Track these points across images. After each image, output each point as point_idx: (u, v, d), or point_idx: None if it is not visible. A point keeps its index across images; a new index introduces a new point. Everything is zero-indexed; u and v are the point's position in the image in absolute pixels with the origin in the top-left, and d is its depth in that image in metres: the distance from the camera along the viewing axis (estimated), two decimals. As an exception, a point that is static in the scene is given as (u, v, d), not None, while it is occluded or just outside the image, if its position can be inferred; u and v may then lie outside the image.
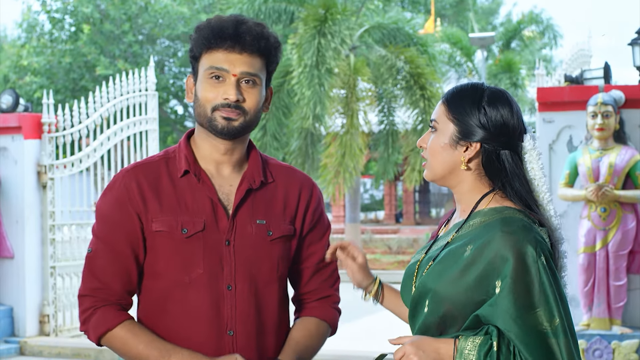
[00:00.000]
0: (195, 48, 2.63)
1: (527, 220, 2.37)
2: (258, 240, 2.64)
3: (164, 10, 26.88)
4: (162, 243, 2.59)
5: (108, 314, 2.59)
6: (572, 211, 8.09)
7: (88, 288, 2.62)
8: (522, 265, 2.28)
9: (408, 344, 2.32)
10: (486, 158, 2.44)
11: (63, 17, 27.39)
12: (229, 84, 2.58)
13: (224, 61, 2.58)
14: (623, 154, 7.64)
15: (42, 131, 10.33)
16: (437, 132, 2.49)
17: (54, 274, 10.33)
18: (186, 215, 2.59)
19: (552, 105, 8.42)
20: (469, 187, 2.49)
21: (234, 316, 2.60)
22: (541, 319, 2.26)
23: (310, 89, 16.62)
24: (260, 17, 18.51)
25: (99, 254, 2.62)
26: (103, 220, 2.64)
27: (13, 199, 10.18)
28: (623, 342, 7.61)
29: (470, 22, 31.96)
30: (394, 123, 19.09)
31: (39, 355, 9.91)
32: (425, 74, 17.72)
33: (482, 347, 2.27)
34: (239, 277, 2.61)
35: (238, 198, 2.64)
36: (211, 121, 2.59)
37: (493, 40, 20.10)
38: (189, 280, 2.58)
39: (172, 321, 2.60)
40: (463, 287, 2.33)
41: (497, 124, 2.42)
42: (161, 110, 26.95)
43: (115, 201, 2.62)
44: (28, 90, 26.02)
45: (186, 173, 2.64)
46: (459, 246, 2.40)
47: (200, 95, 2.61)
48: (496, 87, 2.51)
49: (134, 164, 2.69)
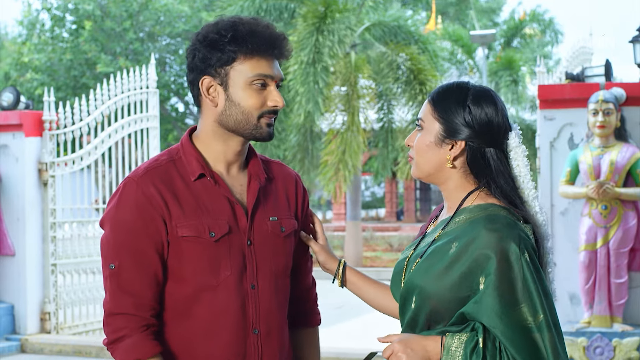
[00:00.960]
0: (227, 52, 2.57)
1: (511, 218, 2.40)
2: (273, 237, 2.67)
3: (164, 7, 26.87)
4: (189, 248, 2.55)
5: (144, 342, 2.52)
6: (573, 209, 8.09)
7: (120, 306, 2.53)
8: (505, 262, 2.30)
9: (396, 342, 2.35)
10: (471, 156, 2.47)
11: (64, 14, 27.39)
12: (273, 91, 2.60)
13: (268, 68, 2.59)
14: (624, 151, 7.64)
15: (43, 129, 10.33)
16: (423, 130, 2.52)
17: (55, 272, 10.34)
18: (209, 219, 2.57)
19: (553, 103, 8.42)
20: (455, 184, 2.51)
21: (258, 314, 2.62)
22: (525, 314, 2.29)
23: (304, 86, 16.62)
24: (261, 14, 18.51)
25: (125, 267, 2.54)
26: (124, 230, 2.55)
27: (14, 197, 10.19)
28: (624, 339, 7.61)
29: (472, 20, 31.95)
30: (393, 121, 19.11)
31: (40, 352, 9.92)
32: (425, 71, 17.73)
33: (469, 344, 2.30)
34: (260, 276, 2.63)
35: (252, 197, 2.65)
36: (257, 128, 2.59)
37: (494, 37, 20.10)
38: (217, 283, 2.57)
39: (198, 324, 2.57)
40: (448, 283, 2.36)
41: (481, 123, 2.45)
42: (162, 107, 26.95)
43: (136, 208, 2.54)
44: (29, 88, 26.01)
45: (201, 176, 2.61)
46: (444, 243, 2.43)
47: (243, 103, 2.58)
48: (481, 86, 2.53)
49: (144, 170, 2.61)
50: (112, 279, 2.55)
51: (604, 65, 8.55)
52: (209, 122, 2.63)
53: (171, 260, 2.57)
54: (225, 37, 2.57)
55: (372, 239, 24.75)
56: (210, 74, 2.60)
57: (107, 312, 2.56)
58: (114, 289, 2.54)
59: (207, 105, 2.63)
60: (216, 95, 2.60)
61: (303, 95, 16.64)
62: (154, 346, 2.53)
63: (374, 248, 23.29)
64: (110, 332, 2.54)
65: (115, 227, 2.57)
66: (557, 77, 9.43)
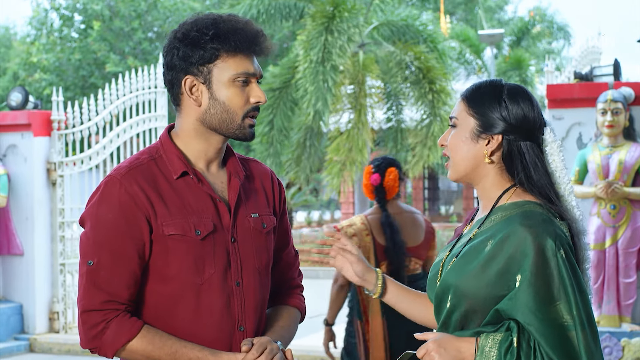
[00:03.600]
0: (209, 50, 2.55)
1: (547, 214, 2.40)
2: (256, 233, 2.67)
3: (173, 7, 26.91)
4: (175, 246, 2.54)
5: (124, 324, 2.51)
6: (582, 208, 8.04)
7: (94, 303, 2.51)
8: (541, 258, 2.30)
9: (430, 342, 2.36)
10: (507, 150, 2.47)
11: (72, 14, 27.44)
12: (255, 87, 2.60)
13: (250, 65, 2.59)
14: (633, 151, 7.62)
15: (52, 128, 10.36)
16: (457, 128, 2.52)
17: (63, 271, 10.36)
18: (194, 217, 2.56)
19: (561, 102, 8.41)
20: (491, 182, 2.51)
21: (243, 312, 2.61)
22: (561, 312, 2.28)
23: (313, 85, 16.64)
24: (270, 13, 18.53)
25: (103, 265, 2.52)
26: (105, 228, 2.53)
27: (23, 196, 10.21)
28: (633, 339, 7.59)
29: (480, 20, 31.93)
30: (402, 120, 19.10)
31: (48, 352, 9.94)
32: (434, 71, 17.72)
33: (503, 344, 2.29)
34: (244, 273, 2.62)
35: (234, 194, 2.65)
36: (240, 128, 2.59)
37: (502, 37, 20.07)
38: (201, 281, 2.56)
39: (183, 323, 2.57)
40: (484, 281, 2.36)
41: (518, 117, 2.46)
42: (170, 107, 26.96)
43: (119, 207, 2.52)
44: (37, 88, 26.06)
45: (184, 174, 2.60)
46: (480, 241, 2.43)
47: (227, 102, 2.57)
48: (515, 84, 2.55)
49: (126, 168, 2.58)
50: (88, 276, 2.53)
51: (613, 64, 8.53)
52: (191, 121, 2.62)
53: (155, 260, 2.56)
54: (206, 34, 2.55)
55: (381, 238, 24.69)
56: (192, 73, 2.58)
57: (82, 309, 2.53)
58: (89, 286, 2.52)
59: (189, 104, 2.61)
60: (199, 94, 2.59)
61: (313, 94, 16.66)
62: (135, 323, 2.52)
63: (382, 247, 23.25)
64: (88, 328, 2.52)
65: (96, 224, 2.55)
66: (565, 77, 9.42)
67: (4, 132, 10.32)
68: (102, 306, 2.51)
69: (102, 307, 2.51)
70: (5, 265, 10.32)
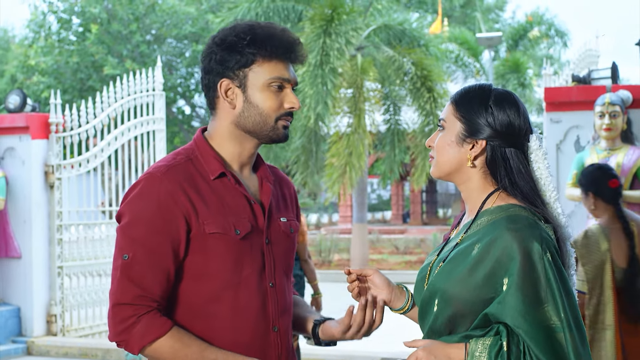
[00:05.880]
0: (246, 54, 2.60)
1: (532, 218, 2.42)
2: (285, 237, 2.74)
3: (171, 10, 26.93)
4: (216, 245, 2.57)
5: (154, 321, 2.52)
6: (580, 211, 8.07)
7: (127, 296, 2.52)
8: (528, 262, 2.32)
9: (420, 349, 2.37)
10: (491, 156, 2.48)
11: (70, 17, 27.45)
12: (289, 93, 2.66)
13: (285, 71, 2.64)
14: (630, 154, 7.62)
15: (50, 131, 10.35)
16: (444, 130, 2.55)
17: (61, 274, 10.35)
18: (232, 217, 2.60)
19: (559, 105, 8.41)
20: (474, 185, 2.53)
21: (277, 312, 2.66)
22: (549, 314, 2.30)
23: (313, 88, 16.67)
24: (269, 16, 18.58)
25: (137, 260, 2.53)
26: (143, 223, 2.55)
27: (20, 199, 10.21)
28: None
29: (478, 23, 31.94)
30: (400, 123, 19.13)
31: (46, 355, 9.93)
32: (432, 74, 17.75)
33: (493, 348, 2.30)
34: (277, 274, 2.68)
35: (267, 197, 2.70)
36: (274, 130, 2.65)
37: (500, 40, 20.08)
38: (239, 280, 2.59)
39: (219, 323, 2.58)
40: (472, 285, 2.37)
41: (503, 123, 2.47)
42: (168, 110, 26.99)
43: (157, 205, 2.55)
44: (35, 90, 26.07)
45: (221, 175, 2.64)
46: (467, 245, 2.44)
47: (261, 105, 2.62)
48: (503, 89, 2.56)
49: (165, 167, 2.61)
50: (123, 269, 2.54)
51: (611, 67, 8.54)
52: (225, 124, 2.67)
53: (192, 258, 2.58)
54: (244, 39, 2.61)
55: (378, 241, 24.72)
56: (228, 77, 2.63)
57: (113, 303, 2.54)
58: (123, 279, 2.54)
59: (224, 107, 2.66)
60: (234, 97, 2.64)
61: (312, 98, 16.68)
62: (166, 322, 2.53)
63: (380, 250, 23.27)
64: (118, 322, 2.53)
65: (134, 219, 2.57)
66: (563, 80, 9.42)
67: (2, 135, 10.32)
68: (134, 300, 2.52)
69: (134, 301, 2.52)
70: (3, 268, 10.31)
